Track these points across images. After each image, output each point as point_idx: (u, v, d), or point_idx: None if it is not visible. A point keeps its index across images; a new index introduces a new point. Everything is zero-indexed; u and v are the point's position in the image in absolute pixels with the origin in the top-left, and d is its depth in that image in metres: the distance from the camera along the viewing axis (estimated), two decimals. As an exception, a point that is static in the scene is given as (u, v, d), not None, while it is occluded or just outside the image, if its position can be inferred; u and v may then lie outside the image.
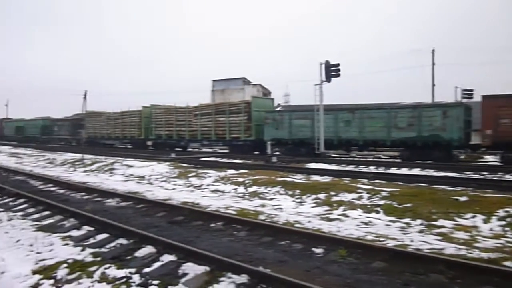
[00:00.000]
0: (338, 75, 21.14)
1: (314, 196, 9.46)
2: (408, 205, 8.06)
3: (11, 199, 9.75)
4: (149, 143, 32.07)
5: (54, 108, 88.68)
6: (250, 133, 24.59)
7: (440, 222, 7.05)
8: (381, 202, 8.44)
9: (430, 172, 14.70)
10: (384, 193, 8.93)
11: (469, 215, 7.33)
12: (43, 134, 46.27)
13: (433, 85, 33.97)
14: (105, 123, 36.59)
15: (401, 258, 5.02)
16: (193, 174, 13.47)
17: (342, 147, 22.05)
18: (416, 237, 6.23)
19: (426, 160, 17.82)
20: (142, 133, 32.15)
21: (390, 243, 5.82)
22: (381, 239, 6.10)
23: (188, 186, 11.98)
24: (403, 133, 19.18)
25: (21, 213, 8.26)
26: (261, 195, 10.12)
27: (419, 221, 7.19)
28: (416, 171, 15.04)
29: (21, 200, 9.45)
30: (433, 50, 34.40)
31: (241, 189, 10.93)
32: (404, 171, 15.23)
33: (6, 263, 5.07)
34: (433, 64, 34.38)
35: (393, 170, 15.46)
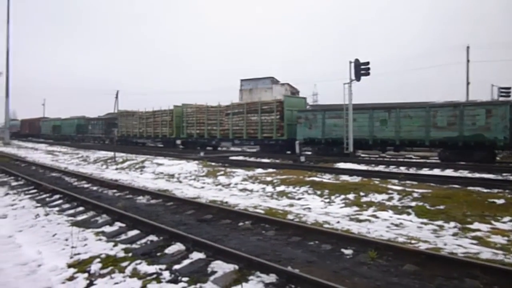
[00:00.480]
0: (368, 74, 20.75)
1: (343, 196, 9.34)
2: (441, 207, 7.82)
3: (47, 195, 10.13)
4: (178, 142, 32.45)
5: (88, 108, 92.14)
6: (282, 132, 24.34)
7: (475, 225, 6.78)
8: (413, 204, 8.22)
9: (464, 173, 14.21)
10: (415, 194, 8.71)
11: (506, 218, 7.04)
12: (78, 133, 47.87)
13: (468, 83, 32.89)
14: (137, 122, 37.28)
15: (433, 262, 4.87)
16: (222, 172, 13.58)
17: (377, 147, 21.42)
18: (449, 240, 6.04)
19: (466, 161, 17.19)
20: (173, 132, 32.52)
21: (422, 246, 5.66)
22: (413, 241, 5.95)
23: (217, 185, 12.08)
24: (442, 132, 18.46)
25: (57, 209, 8.57)
26: (289, 195, 10.07)
27: (452, 224, 6.95)
28: (449, 172, 14.57)
29: (57, 196, 9.81)
30: (467, 47, 33.32)
31: (269, 188, 10.92)
32: (437, 172, 14.77)
33: (43, 256, 5.29)
34: (468, 61, 33.31)
35: (424, 171, 15.04)
